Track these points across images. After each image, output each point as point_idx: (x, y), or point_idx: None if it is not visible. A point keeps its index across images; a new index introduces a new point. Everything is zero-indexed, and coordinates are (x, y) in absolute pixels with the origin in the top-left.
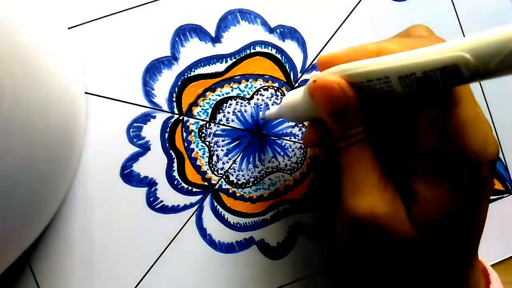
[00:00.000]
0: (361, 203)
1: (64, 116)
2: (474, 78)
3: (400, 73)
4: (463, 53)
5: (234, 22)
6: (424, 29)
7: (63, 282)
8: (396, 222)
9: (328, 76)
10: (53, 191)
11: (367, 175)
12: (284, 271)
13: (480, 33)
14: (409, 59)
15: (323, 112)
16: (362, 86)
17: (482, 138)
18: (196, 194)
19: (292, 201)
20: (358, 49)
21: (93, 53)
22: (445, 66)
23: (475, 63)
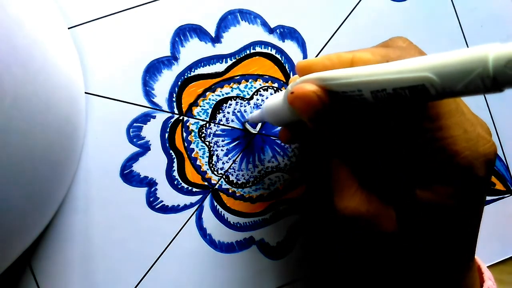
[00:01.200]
0: (347, 204)
1: (64, 116)
2: (441, 97)
3: (372, 88)
4: (430, 74)
5: (234, 22)
6: (402, 40)
7: (63, 282)
8: (378, 218)
9: (305, 86)
10: (53, 191)
11: (350, 179)
12: (284, 271)
13: (448, 53)
14: (379, 74)
15: (304, 118)
16: (339, 94)
17: (473, 141)
18: (196, 194)
19: (292, 201)
20: (333, 57)
21: (93, 53)
22: (412, 85)
23: (440, 85)
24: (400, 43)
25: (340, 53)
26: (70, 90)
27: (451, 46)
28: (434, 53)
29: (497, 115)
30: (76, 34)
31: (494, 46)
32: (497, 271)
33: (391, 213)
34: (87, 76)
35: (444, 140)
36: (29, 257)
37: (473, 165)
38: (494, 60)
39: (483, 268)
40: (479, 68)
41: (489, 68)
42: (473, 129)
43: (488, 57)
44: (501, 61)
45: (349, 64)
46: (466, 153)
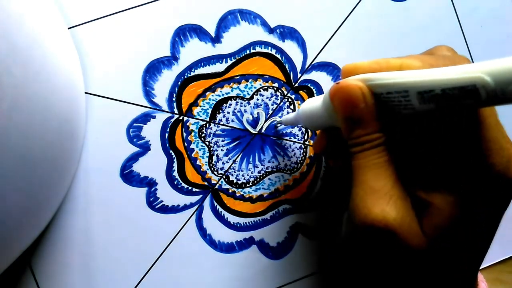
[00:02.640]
0: (372, 209)
1: (64, 116)
2: (491, 101)
3: (419, 88)
4: (483, 75)
5: (234, 22)
6: (447, 49)
7: (63, 282)
8: (408, 232)
9: (350, 80)
10: (53, 191)
11: (380, 180)
12: (284, 271)
13: (502, 59)
14: (429, 75)
15: (340, 115)
16: (382, 97)
17: (506, 157)
18: (196, 194)
19: (292, 201)
20: (381, 62)
21: (93, 53)
22: (463, 85)
23: (493, 86)
24: (446, 51)
25: (389, 58)
26: (70, 90)
27: (451, 46)
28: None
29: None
30: (76, 34)
31: None
32: (497, 271)
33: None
34: (87, 76)
35: (484, 151)
36: (29, 257)
37: (504, 181)
38: None
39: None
40: None
41: None
42: (508, 147)
43: None
44: None
45: (398, 70)
46: (500, 168)
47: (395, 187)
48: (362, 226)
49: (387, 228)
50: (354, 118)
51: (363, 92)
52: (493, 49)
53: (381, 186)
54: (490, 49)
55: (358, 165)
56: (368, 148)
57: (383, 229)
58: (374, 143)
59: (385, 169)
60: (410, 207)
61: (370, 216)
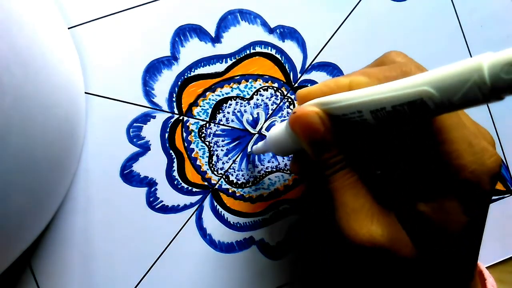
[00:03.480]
0: (359, 230)
1: (64, 116)
2: (440, 111)
3: (371, 107)
4: (427, 87)
5: (234, 22)
6: (396, 54)
7: (63, 282)
8: (397, 245)
9: (306, 107)
10: (53, 190)
11: (358, 200)
12: (284, 271)
13: (444, 67)
14: (378, 93)
15: (303, 142)
16: (339, 117)
17: (478, 154)
18: (196, 194)
19: (292, 201)
20: (330, 83)
21: (93, 53)
22: (411, 100)
23: (439, 97)
24: (396, 58)
25: (337, 78)
26: (70, 90)
27: (451, 46)
28: (430, 70)
29: (496, 115)
30: (76, 34)
31: (488, 54)
32: (497, 271)
33: (405, 234)
34: (87, 76)
35: (449, 154)
36: (29, 257)
37: (480, 179)
38: (489, 67)
39: (485, 274)
40: (475, 76)
41: (485, 75)
42: (477, 142)
43: (482, 64)
44: (496, 66)
45: (347, 89)
46: (473, 167)
47: (374, 204)
48: (352, 247)
49: (376, 246)
50: (318, 143)
51: (320, 116)
52: (493, 49)
53: (361, 206)
54: (490, 49)
55: (334, 188)
56: (338, 169)
57: (373, 248)
58: (342, 164)
59: (359, 188)
60: (393, 220)
61: (358, 238)
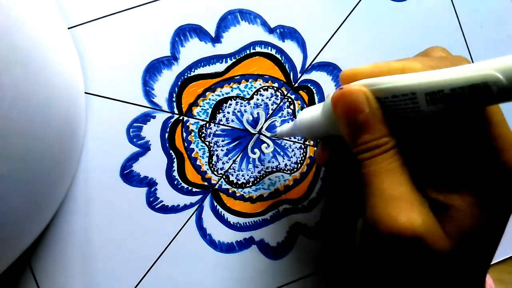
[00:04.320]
0: (397, 216)
1: (64, 116)
2: (502, 98)
3: (428, 89)
4: (495, 72)
5: (234, 22)
6: (441, 50)
7: (63, 282)
8: (434, 237)
9: (354, 85)
10: (53, 191)
11: (398, 187)
12: (284, 271)
13: (510, 56)
14: (436, 76)
15: (343, 122)
16: (387, 101)
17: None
18: (196, 194)
19: (292, 201)
20: (382, 65)
21: (93, 53)
22: (474, 83)
23: (505, 83)
24: (441, 53)
25: (390, 62)
26: (70, 90)
27: (451, 46)
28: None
29: None
30: (76, 34)
31: None
32: (497, 271)
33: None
34: (87, 76)
35: (495, 149)
36: (29, 257)
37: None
38: None
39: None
40: None
41: None
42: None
43: None
44: None
45: (400, 72)
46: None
47: (414, 192)
48: (388, 235)
49: (415, 235)
50: (359, 124)
51: (367, 96)
52: (493, 49)
53: (401, 192)
54: (490, 49)
55: (370, 172)
56: (378, 153)
57: (411, 237)
58: (384, 148)
59: (400, 174)
60: (430, 211)
61: (397, 225)
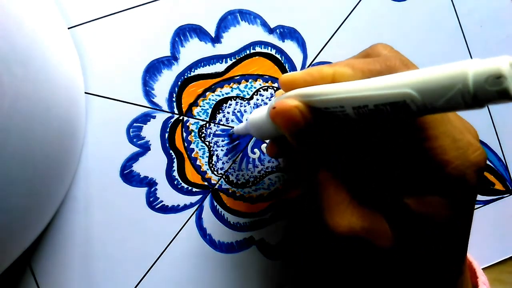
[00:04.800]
0: (340, 222)
1: (64, 116)
2: (423, 113)
3: (354, 104)
4: (410, 90)
5: (234, 22)
6: (383, 47)
7: (63, 282)
8: (375, 235)
9: (287, 101)
10: (53, 191)
11: (340, 194)
12: (284, 271)
13: (428, 69)
14: (361, 90)
15: (286, 133)
16: (321, 110)
17: (462, 149)
18: (196, 194)
19: (292, 201)
20: (314, 73)
21: (93, 53)
22: (393, 101)
23: (421, 101)
24: (382, 50)
25: (322, 67)
26: (70, 90)
27: (451, 46)
28: (414, 69)
29: (496, 115)
30: (76, 34)
31: (474, 62)
32: (497, 271)
33: (385, 226)
34: (87, 76)
35: (433, 150)
36: (29, 257)
37: (465, 174)
38: (474, 76)
39: (478, 272)
40: (459, 84)
41: (469, 85)
42: (462, 137)
43: (468, 73)
44: (481, 77)
45: (331, 80)
46: (457, 163)
47: (352, 199)
48: (335, 238)
49: (356, 235)
50: (300, 136)
51: (300, 110)
52: (493, 49)
53: (343, 198)
54: (490, 49)
55: (318, 182)
56: (321, 163)
57: (353, 236)
58: (324, 158)
59: (337, 184)
60: (373, 213)
61: (340, 229)
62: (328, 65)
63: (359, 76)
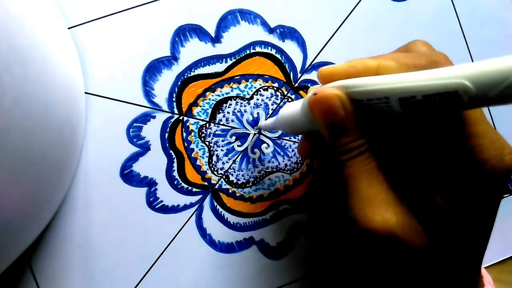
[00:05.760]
0: (373, 217)
1: (64, 116)
2: (473, 105)
3: (400, 94)
4: (464, 80)
5: (234, 22)
6: (423, 44)
7: (63, 282)
8: (410, 234)
9: (328, 89)
10: (53, 191)
11: (374, 187)
12: (284, 271)
13: (482, 62)
14: (410, 81)
15: (321, 125)
16: (363, 103)
17: (499, 149)
18: (196, 194)
19: (292, 201)
20: (357, 64)
21: (93, 53)
22: (445, 91)
23: (475, 92)
24: (422, 47)
25: (364, 59)
26: (70, 90)
27: (451, 46)
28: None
29: (496, 115)
30: (76, 34)
31: None
32: (497, 271)
33: (418, 225)
34: (87, 76)
35: (474, 147)
36: (29, 257)
37: (498, 174)
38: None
39: (482, 271)
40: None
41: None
42: (497, 138)
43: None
44: None
45: (375, 73)
46: (493, 162)
47: (389, 192)
48: (365, 234)
49: (390, 234)
50: (337, 127)
51: (341, 100)
52: (493, 49)
53: (377, 193)
54: (490, 49)
55: (350, 174)
56: (356, 155)
57: (386, 235)
58: (361, 150)
59: (376, 175)
60: (406, 209)
61: (372, 225)
62: (371, 57)
63: (404, 69)
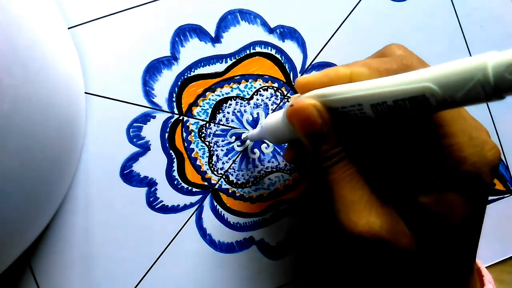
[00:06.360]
0: (358, 222)
1: (64, 116)
2: (442, 108)
3: (372, 101)
4: (431, 84)
5: (234, 22)
6: (397, 47)
7: (63, 282)
8: (396, 236)
9: (304, 100)
10: (53, 191)
11: (357, 192)
12: (284, 271)
13: (447, 64)
14: (379, 87)
15: (301, 134)
16: (338, 110)
17: (479, 147)
18: (196, 194)
19: (292, 201)
20: (331, 73)
21: (93, 53)
22: (413, 96)
23: (441, 94)
24: (397, 50)
25: (338, 68)
26: (70, 90)
27: (451, 46)
28: (433, 65)
29: (496, 115)
30: (76, 34)
31: (492, 53)
32: (497, 271)
33: (404, 226)
34: (87, 76)
35: (450, 147)
36: (29, 257)
37: (481, 171)
38: (494, 66)
39: (483, 271)
40: (479, 74)
41: (489, 74)
42: (477, 135)
43: (487, 63)
44: (501, 66)
45: (348, 80)
46: (474, 160)
47: (372, 196)
48: (352, 239)
49: (375, 237)
50: (316, 135)
51: (318, 109)
52: (493, 49)
53: (360, 197)
54: (490, 49)
55: (333, 180)
56: (337, 161)
57: (372, 238)
58: (341, 156)
59: (357, 180)
60: (392, 212)
61: (357, 229)
62: (344, 65)
63: (376, 75)
